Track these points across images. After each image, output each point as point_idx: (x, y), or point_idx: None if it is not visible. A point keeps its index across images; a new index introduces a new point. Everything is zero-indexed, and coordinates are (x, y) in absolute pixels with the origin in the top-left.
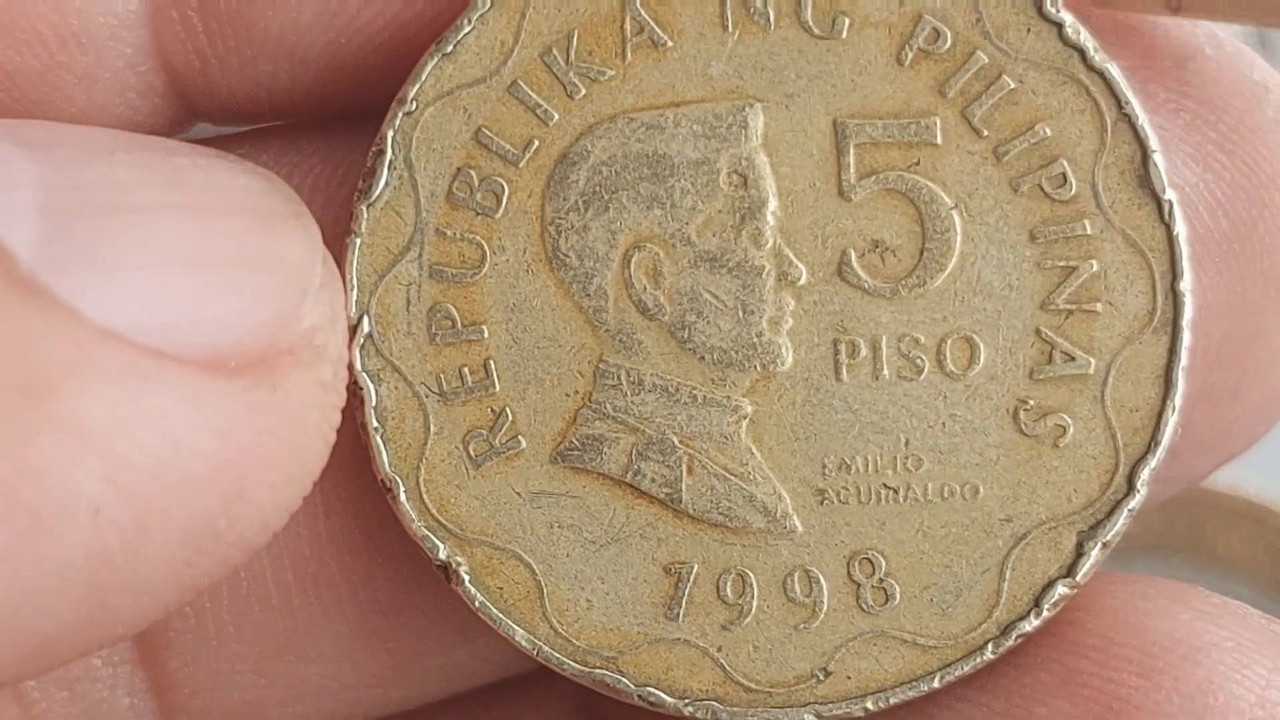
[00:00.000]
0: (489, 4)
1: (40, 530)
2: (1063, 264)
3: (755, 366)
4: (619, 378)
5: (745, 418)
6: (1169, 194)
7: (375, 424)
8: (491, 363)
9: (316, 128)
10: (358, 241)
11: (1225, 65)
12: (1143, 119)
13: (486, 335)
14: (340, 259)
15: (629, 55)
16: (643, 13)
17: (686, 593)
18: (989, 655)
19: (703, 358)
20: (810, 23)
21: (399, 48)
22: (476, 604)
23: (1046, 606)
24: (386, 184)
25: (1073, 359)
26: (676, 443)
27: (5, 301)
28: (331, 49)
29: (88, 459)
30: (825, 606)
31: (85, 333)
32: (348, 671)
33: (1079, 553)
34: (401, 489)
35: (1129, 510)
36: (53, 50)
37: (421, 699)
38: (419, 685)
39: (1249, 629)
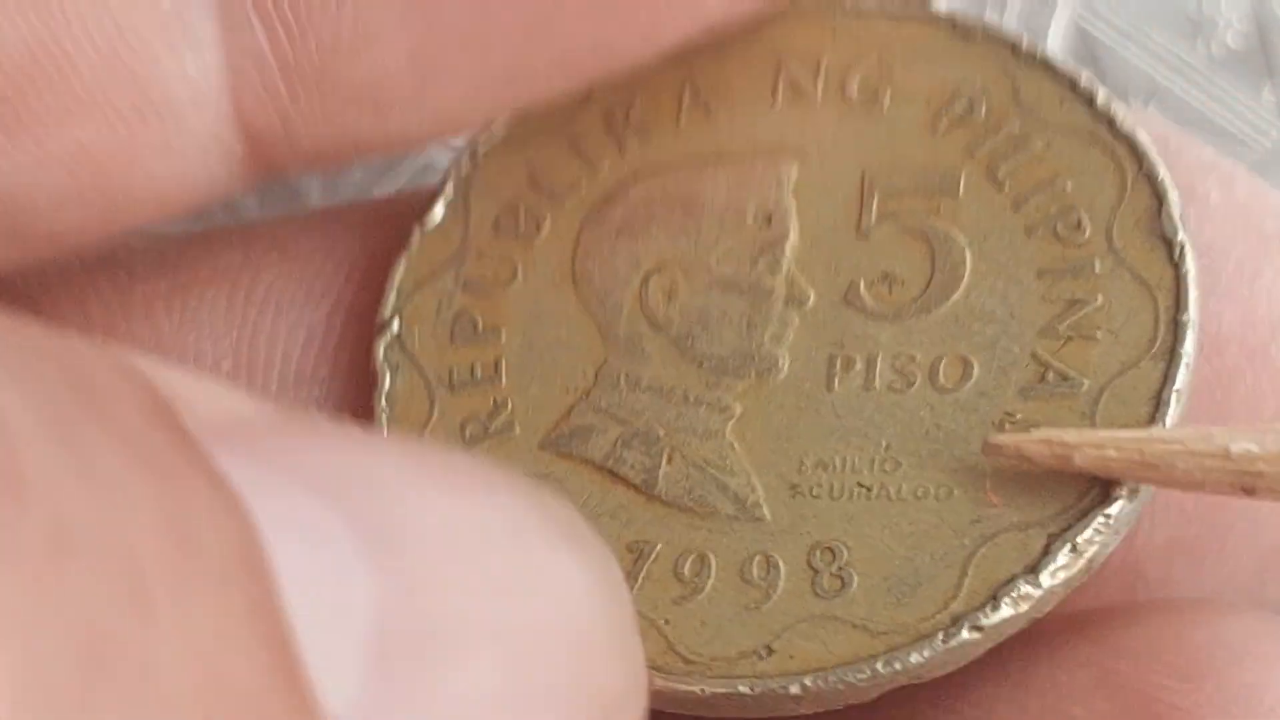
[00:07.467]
0: None
1: None
2: (1068, 298)
3: (750, 373)
4: (618, 378)
5: (732, 417)
6: (1180, 236)
7: (384, 407)
8: (502, 361)
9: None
10: (405, 258)
11: None
12: (1163, 175)
13: (504, 338)
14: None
15: (682, 121)
16: (700, 86)
17: (645, 569)
18: (938, 644)
19: (701, 364)
20: (854, 97)
21: None
22: None
23: (1005, 601)
24: (444, 215)
25: (1066, 379)
26: (661, 435)
27: None
28: (419, 93)
29: None
30: (780, 590)
31: None
32: None
33: (1045, 552)
34: None
35: (1104, 515)
36: (132, 124)
37: None
38: None
39: None
